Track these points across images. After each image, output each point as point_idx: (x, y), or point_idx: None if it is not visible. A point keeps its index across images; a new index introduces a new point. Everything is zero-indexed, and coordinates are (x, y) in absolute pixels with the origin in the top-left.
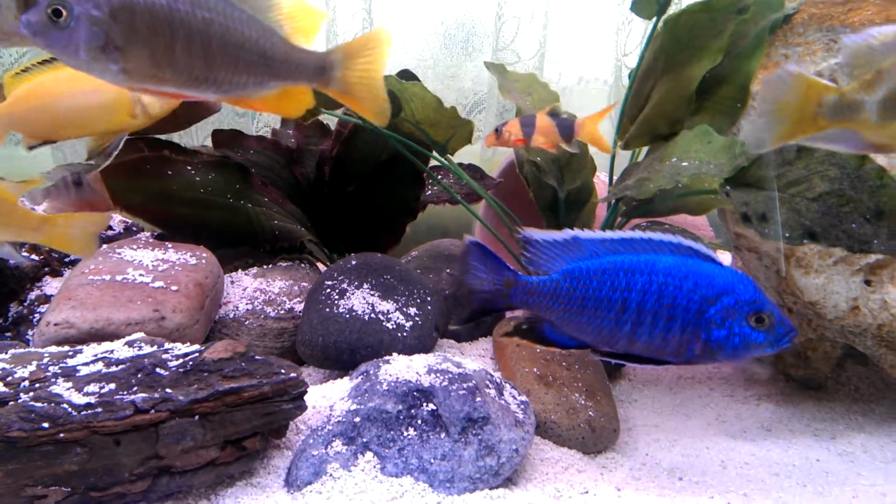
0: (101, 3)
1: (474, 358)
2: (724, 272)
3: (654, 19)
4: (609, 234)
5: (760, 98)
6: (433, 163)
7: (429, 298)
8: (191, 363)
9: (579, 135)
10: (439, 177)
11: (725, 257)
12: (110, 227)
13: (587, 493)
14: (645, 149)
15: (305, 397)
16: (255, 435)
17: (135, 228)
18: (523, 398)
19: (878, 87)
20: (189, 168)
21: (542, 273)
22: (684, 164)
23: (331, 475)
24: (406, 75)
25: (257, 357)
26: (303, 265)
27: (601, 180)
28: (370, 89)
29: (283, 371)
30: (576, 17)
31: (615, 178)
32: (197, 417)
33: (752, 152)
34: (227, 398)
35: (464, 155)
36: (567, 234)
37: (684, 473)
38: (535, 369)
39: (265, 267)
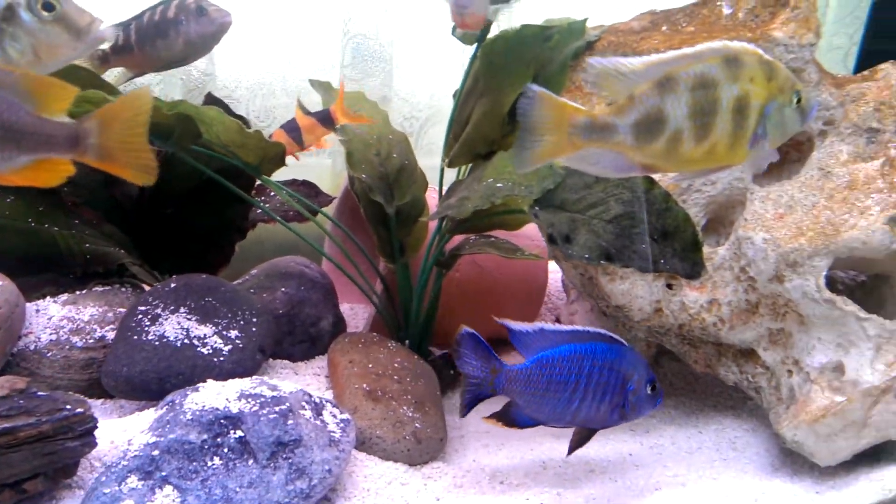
0: None
1: (309, 377)
2: (632, 353)
3: (476, 44)
4: (563, 326)
5: (520, 117)
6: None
7: (254, 319)
8: None
9: (340, 121)
10: (271, 194)
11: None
12: None
13: None
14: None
15: (99, 433)
16: (36, 476)
17: None
18: (344, 416)
19: (629, 112)
20: None
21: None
22: (499, 185)
23: None
24: (211, 100)
25: (40, 393)
26: (123, 289)
27: (434, 192)
28: (132, 153)
29: (68, 407)
30: (426, 34)
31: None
32: None
33: (518, 171)
34: (1, 439)
35: (315, 169)
36: (535, 325)
37: (506, 477)
38: (364, 385)
39: (77, 293)
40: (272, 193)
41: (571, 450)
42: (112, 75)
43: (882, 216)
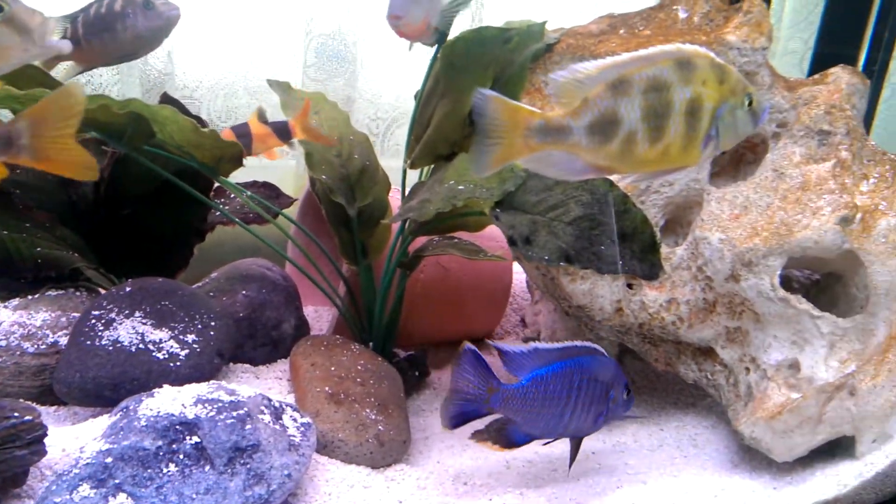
0: None
1: (270, 381)
2: (611, 362)
3: (436, 46)
4: (554, 344)
5: (476, 122)
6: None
7: (212, 323)
8: None
9: (298, 136)
10: (231, 196)
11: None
12: None
13: None
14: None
15: (50, 440)
16: None
17: None
18: (305, 420)
19: (583, 114)
20: None
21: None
22: (460, 187)
23: None
24: (166, 100)
25: None
26: (78, 293)
27: (397, 193)
28: (67, 151)
29: (16, 414)
30: (391, 35)
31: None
32: None
33: (476, 175)
34: None
35: (279, 170)
36: (531, 345)
37: (470, 477)
38: (326, 388)
39: (29, 298)
40: (232, 195)
41: (571, 464)
42: (60, 69)
43: (834, 216)
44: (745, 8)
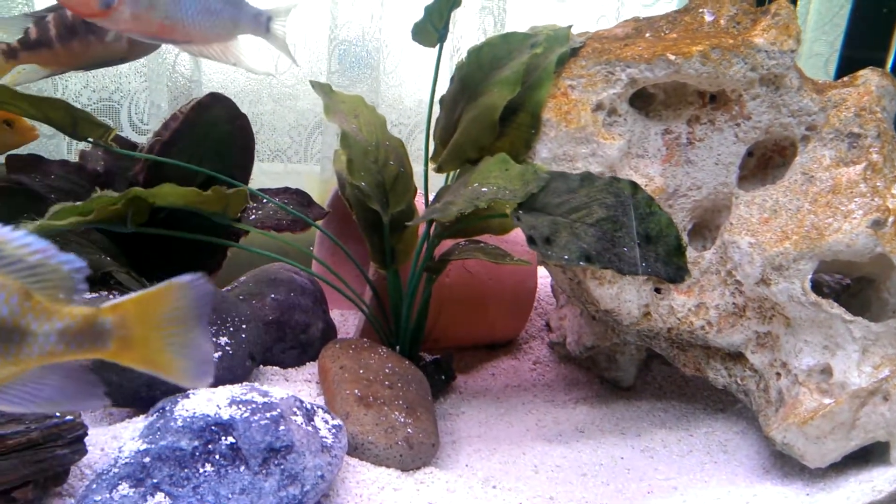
0: None
1: (300, 384)
2: None
3: (439, 46)
4: None
5: None
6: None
7: (244, 326)
8: None
9: None
10: (264, 201)
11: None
12: None
13: None
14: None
15: (89, 440)
16: (26, 484)
17: None
18: (336, 422)
19: None
20: None
21: None
22: (484, 189)
23: None
24: (214, 99)
25: None
26: (112, 297)
27: (420, 197)
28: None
29: (57, 414)
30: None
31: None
32: None
33: None
34: None
35: (302, 175)
36: None
37: (499, 481)
38: (356, 391)
39: None
40: (264, 200)
41: None
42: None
43: (865, 220)
44: (772, 10)
